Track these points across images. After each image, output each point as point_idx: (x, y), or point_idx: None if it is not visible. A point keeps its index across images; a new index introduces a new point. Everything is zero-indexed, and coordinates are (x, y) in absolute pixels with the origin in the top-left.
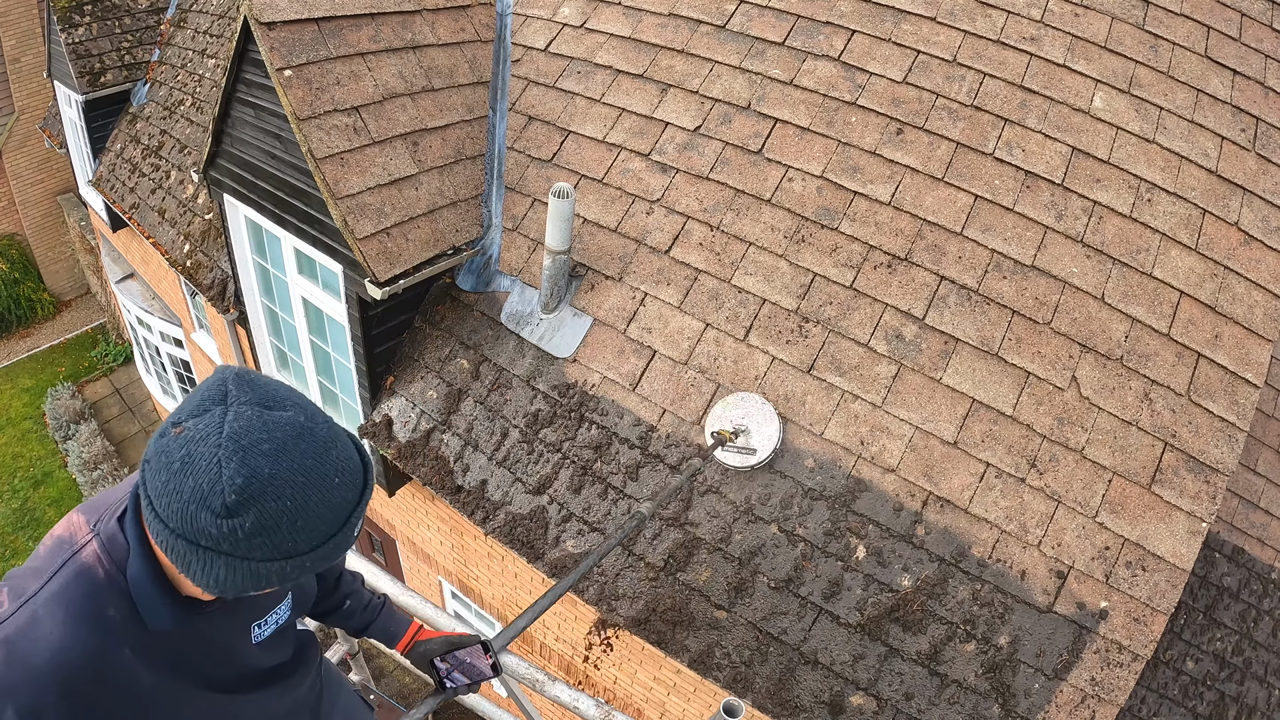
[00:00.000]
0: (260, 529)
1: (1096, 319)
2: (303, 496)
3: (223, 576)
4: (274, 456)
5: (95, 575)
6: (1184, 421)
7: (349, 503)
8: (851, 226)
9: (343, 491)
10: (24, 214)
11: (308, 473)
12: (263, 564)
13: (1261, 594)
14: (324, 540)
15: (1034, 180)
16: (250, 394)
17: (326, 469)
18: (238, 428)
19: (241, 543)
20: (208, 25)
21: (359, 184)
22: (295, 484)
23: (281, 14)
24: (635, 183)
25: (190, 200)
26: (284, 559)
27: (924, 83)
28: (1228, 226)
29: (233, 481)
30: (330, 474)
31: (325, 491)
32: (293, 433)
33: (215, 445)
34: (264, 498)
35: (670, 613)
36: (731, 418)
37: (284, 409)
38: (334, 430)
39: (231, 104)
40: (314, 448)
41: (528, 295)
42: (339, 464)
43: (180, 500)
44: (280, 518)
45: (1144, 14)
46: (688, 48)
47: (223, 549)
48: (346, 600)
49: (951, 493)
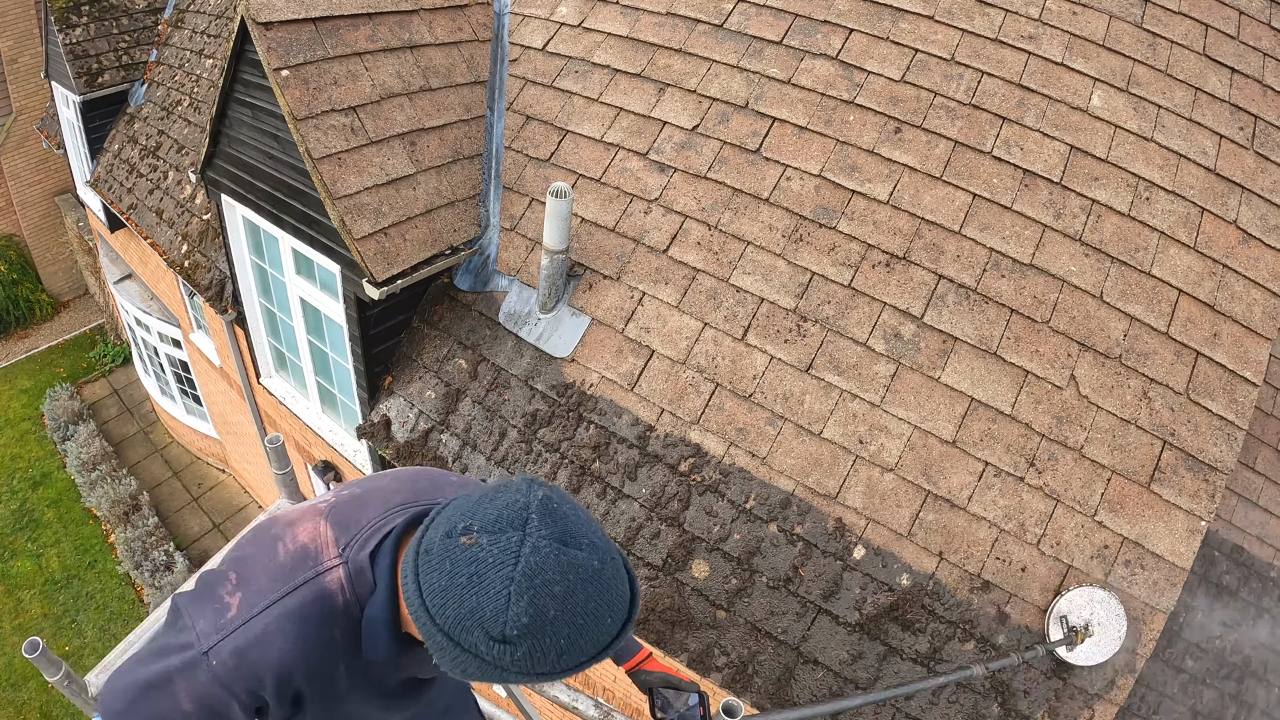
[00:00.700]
0: (528, 658)
1: (1095, 318)
2: (577, 636)
3: (471, 671)
4: (562, 600)
5: (334, 602)
6: (1183, 420)
7: (610, 637)
8: (850, 225)
9: (610, 631)
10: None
11: (587, 615)
12: (518, 676)
13: (1261, 592)
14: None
15: (1032, 179)
16: (551, 528)
17: (603, 611)
18: (534, 564)
19: (504, 661)
20: (205, 25)
21: (356, 184)
22: (574, 626)
23: (278, 14)
24: (633, 182)
25: (188, 200)
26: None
27: (922, 81)
28: (1226, 225)
29: (518, 620)
30: (605, 614)
31: (597, 631)
32: (585, 576)
33: (508, 578)
34: (542, 635)
35: (669, 612)
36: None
37: (580, 548)
38: (619, 569)
39: (229, 104)
40: (599, 591)
41: (526, 295)
42: (615, 604)
43: (458, 611)
44: (549, 652)
45: (1142, 12)
46: (685, 47)
47: (484, 658)
48: None
49: (950, 492)
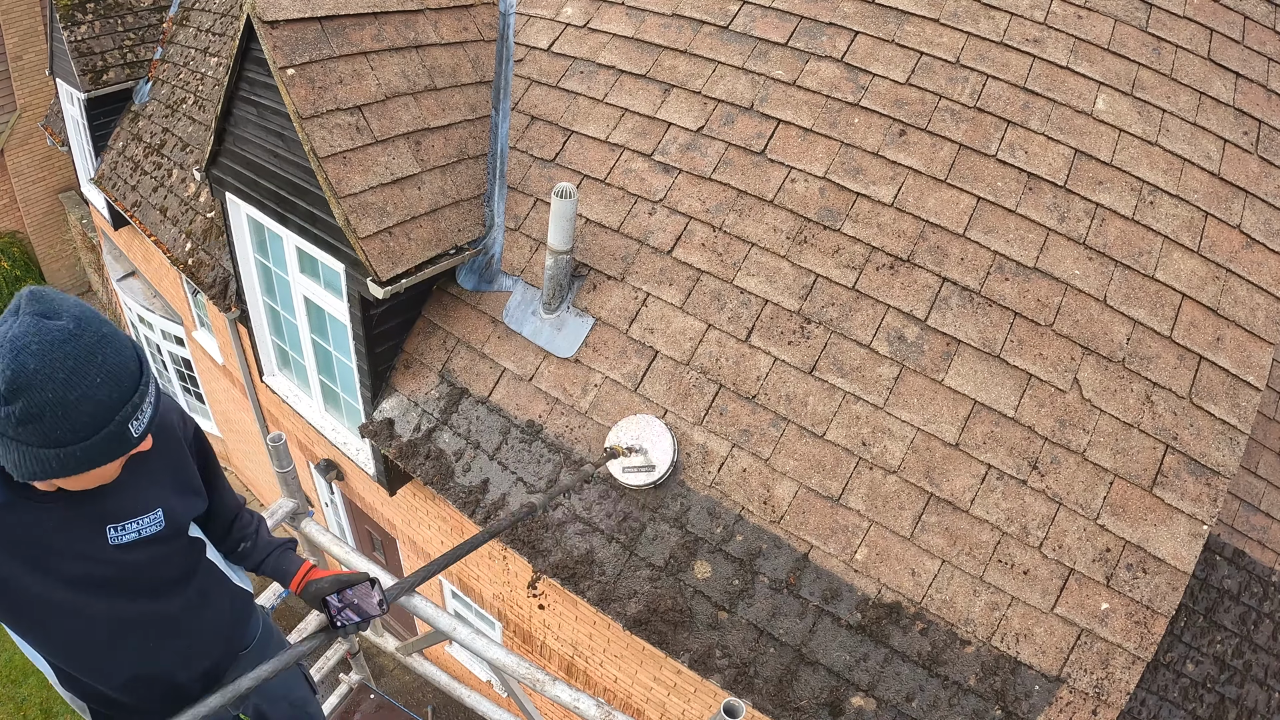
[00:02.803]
0: (28, 416)
1: (1098, 321)
2: (63, 390)
3: (15, 459)
4: (39, 355)
5: None
6: (1185, 424)
7: (115, 401)
8: (854, 228)
9: (106, 390)
10: (26, 212)
11: (68, 371)
12: (40, 450)
13: (1262, 597)
14: (92, 434)
15: (1036, 182)
16: (35, 306)
17: (88, 369)
18: (16, 332)
19: (15, 428)
20: (210, 24)
21: (361, 183)
22: (56, 379)
23: (285, 12)
24: (638, 183)
25: (192, 198)
26: (56, 446)
27: (927, 84)
28: (1230, 229)
29: (3, 374)
30: (92, 374)
31: (86, 388)
32: (60, 337)
33: None
34: (29, 389)
35: (671, 613)
36: (627, 437)
37: (58, 319)
38: (107, 340)
39: (234, 102)
40: (77, 350)
41: (530, 295)
42: (104, 367)
43: None
44: (44, 407)
45: (1147, 16)
46: (691, 48)
47: (7, 434)
48: (241, 544)
49: (953, 494)
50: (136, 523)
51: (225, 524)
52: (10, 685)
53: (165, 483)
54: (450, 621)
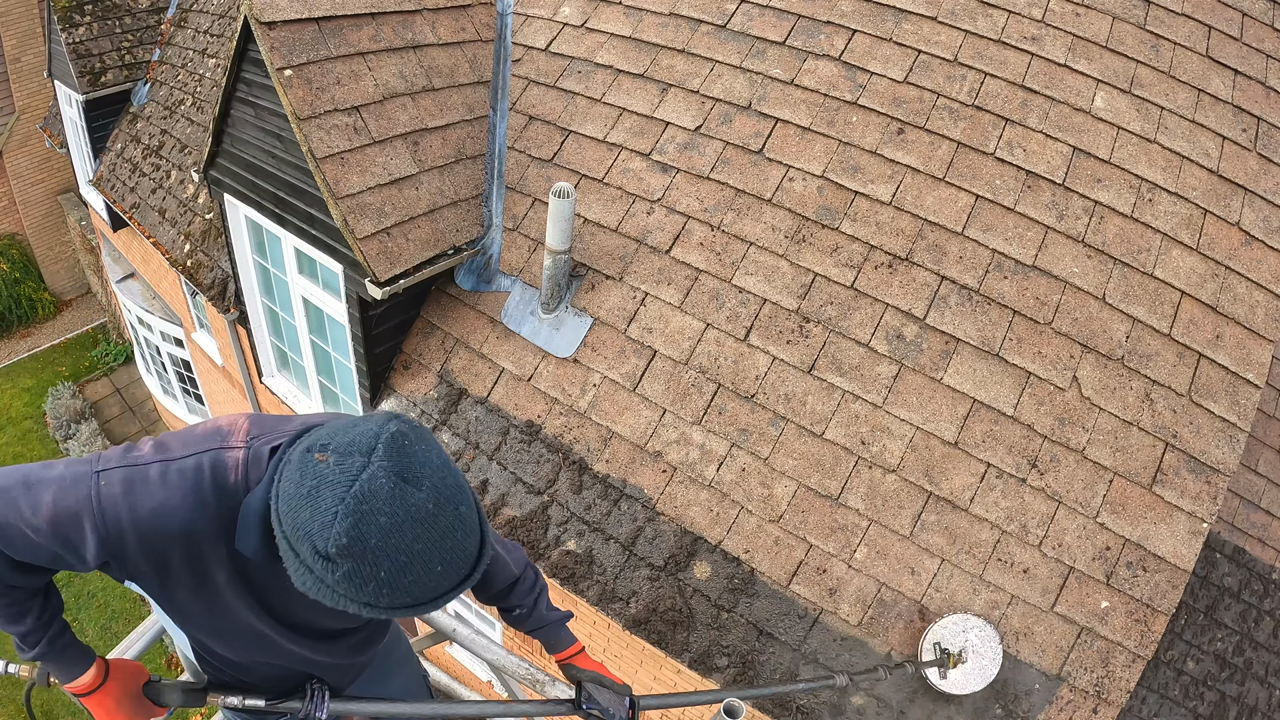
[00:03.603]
0: (348, 580)
1: (1097, 319)
2: (399, 573)
3: (306, 584)
4: (386, 532)
5: (226, 477)
6: (1185, 422)
7: (445, 589)
8: (852, 226)
9: (443, 579)
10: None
11: (412, 556)
12: (343, 599)
13: (1262, 594)
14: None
15: (1035, 180)
16: (394, 462)
17: (432, 556)
18: (366, 491)
19: (328, 578)
20: (208, 25)
21: (359, 184)
22: (396, 561)
23: (282, 13)
24: (636, 182)
25: (191, 200)
26: (365, 606)
27: (925, 82)
28: (1229, 226)
29: (338, 539)
30: (434, 562)
31: (423, 575)
32: (413, 515)
33: (339, 498)
34: (361, 561)
35: (670, 613)
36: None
37: (418, 488)
38: (461, 522)
39: (232, 104)
40: (429, 534)
41: (528, 295)
42: (449, 554)
43: (295, 519)
44: (369, 581)
45: (1145, 14)
46: (688, 47)
47: (313, 571)
48: (517, 609)
49: (952, 493)
50: None
51: (503, 590)
52: (12, 688)
53: None
54: (450, 622)
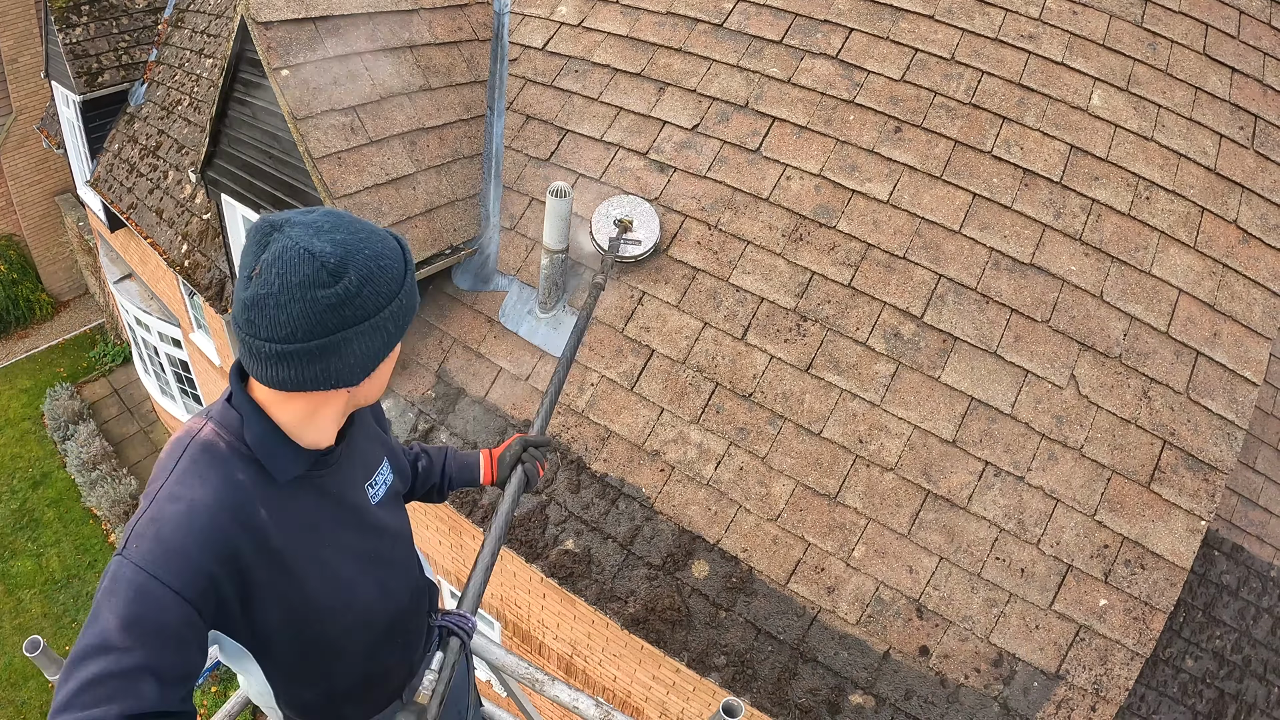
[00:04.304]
0: (363, 279)
1: (1095, 317)
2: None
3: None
4: (335, 229)
5: (218, 448)
6: (1183, 420)
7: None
8: (849, 225)
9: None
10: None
11: (361, 231)
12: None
13: (1260, 591)
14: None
15: (1032, 178)
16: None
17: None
18: (300, 231)
19: (356, 299)
20: (205, 25)
21: (356, 183)
22: (360, 237)
23: (279, 13)
24: (633, 181)
25: (188, 200)
26: (387, 302)
27: (922, 81)
28: (1226, 224)
29: (324, 251)
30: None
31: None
32: (333, 215)
33: (295, 247)
34: (351, 253)
35: (669, 612)
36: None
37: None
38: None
39: (229, 104)
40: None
41: (525, 294)
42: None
43: (296, 304)
44: (369, 264)
45: (1142, 12)
46: (685, 46)
47: (348, 320)
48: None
49: (950, 491)
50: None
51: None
52: (10, 689)
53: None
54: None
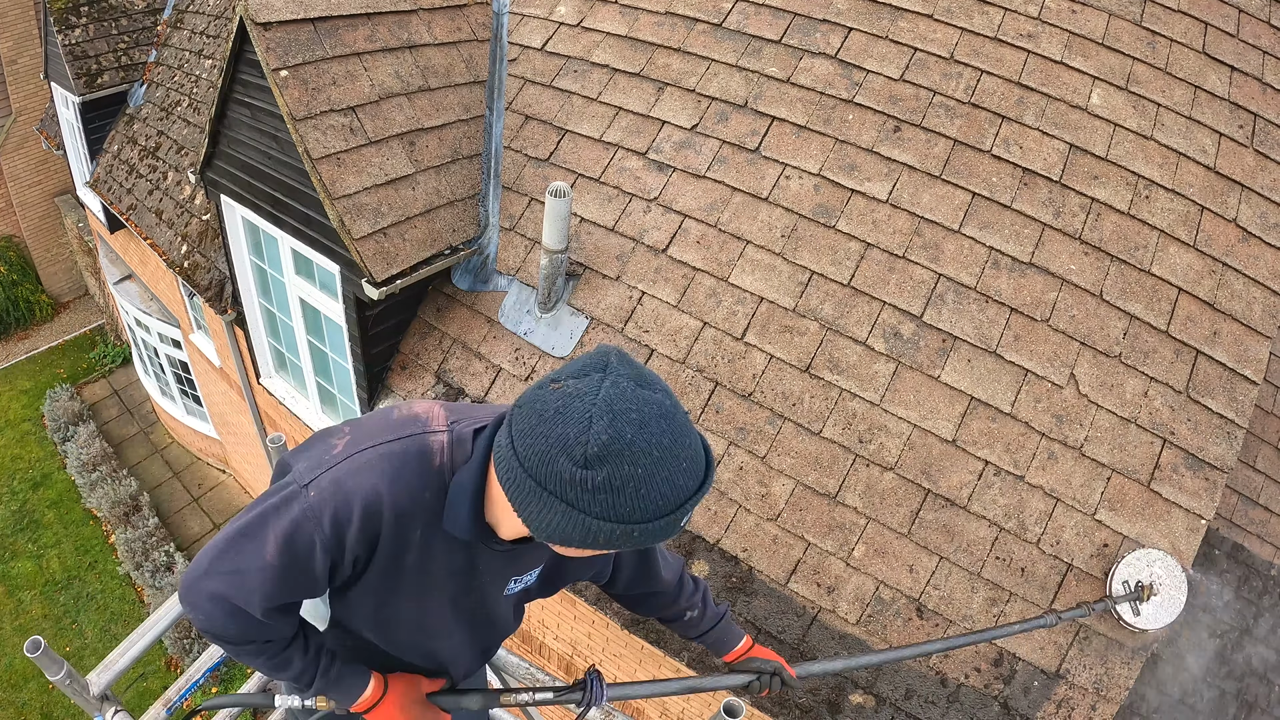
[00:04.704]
0: (608, 486)
1: (1095, 316)
2: (653, 468)
3: (557, 523)
4: (638, 426)
5: (431, 460)
6: (1183, 419)
7: (688, 489)
8: (849, 224)
9: (686, 477)
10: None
11: (663, 450)
12: (596, 521)
13: (1261, 590)
14: (656, 517)
15: (1031, 177)
16: (628, 370)
17: (678, 451)
18: (613, 394)
19: (586, 495)
20: (204, 26)
21: (355, 184)
22: (650, 456)
23: (277, 14)
24: (632, 181)
25: (187, 201)
26: (617, 522)
27: (921, 80)
28: (1226, 223)
29: (598, 437)
30: (680, 457)
31: (672, 471)
32: (658, 412)
33: (590, 403)
34: (620, 459)
35: None
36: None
37: (654, 390)
38: (689, 423)
39: (228, 105)
40: (672, 429)
41: (525, 294)
42: (688, 451)
43: (544, 443)
44: (628, 481)
45: (1141, 10)
46: (684, 46)
47: (567, 497)
48: (688, 613)
49: (950, 491)
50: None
51: (669, 596)
52: (10, 690)
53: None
54: None
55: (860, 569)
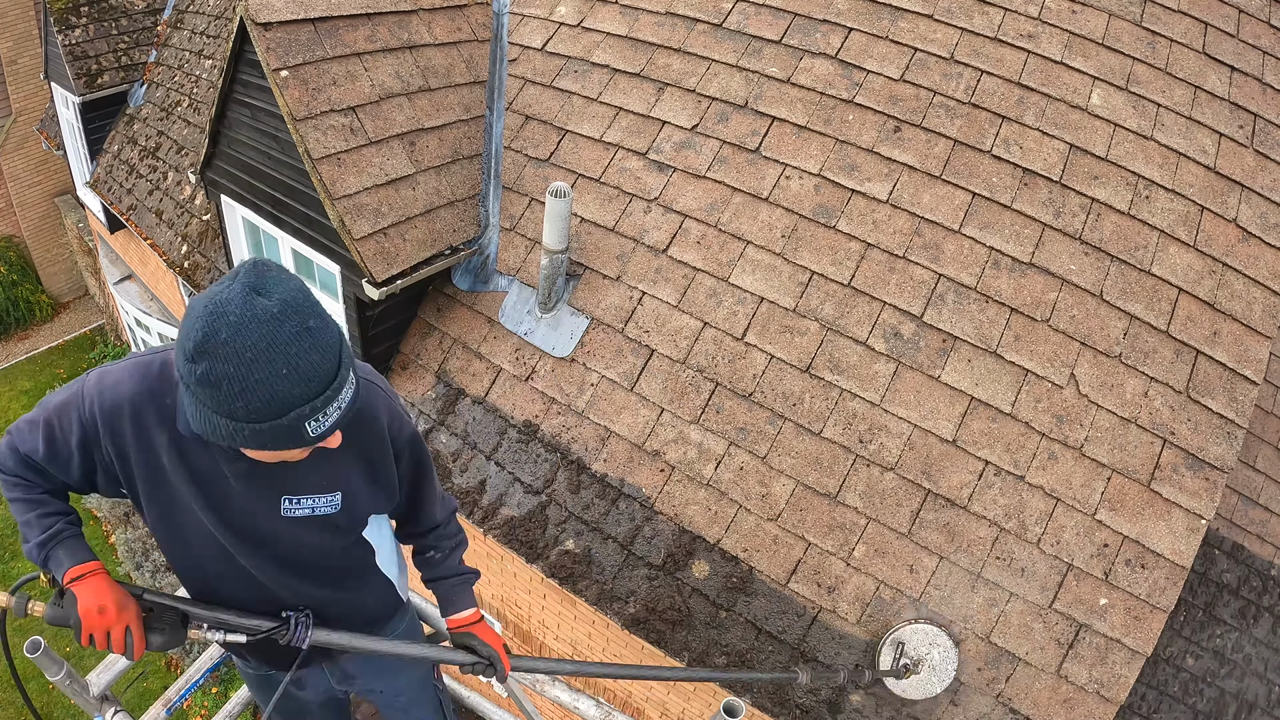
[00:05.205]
0: (206, 380)
1: (1095, 316)
2: (245, 369)
3: (192, 415)
4: (233, 327)
5: (170, 373)
6: (1183, 419)
7: (294, 398)
8: (849, 225)
9: (288, 384)
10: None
11: (255, 352)
12: (213, 415)
13: (1261, 590)
14: (264, 419)
15: (1032, 178)
16: (251, 279)
17: (275, 357)
18: (222, 299)
19: (195, 387)
20: (204, 26)
21: (356, 184)
22: (241, 357)
23: (277, 14)
24: (632, 181)
25: (188, 201)
26: (229, 418)
27: (921, 80)
28: (1226, 223)
29: (194, 335)
30: (279, 363)
31: (267, 375)
32: (259, 316)
33: (204, 306)
34: (213, 356)
35: (670, 612)
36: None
37: (267, 298)
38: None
39: (228, 105)
40: (272, 335)
41: (525, 295)
42: (294, 360)
43: (177, 341)
44: (223, 378)
45: (1141, 10)
46: (685, 46)
47: (189, 389)
48: (430, 551)
49: (950, 491)
50: (312, 499)
51: (424, 529)
52: (11, 690)
53: (354, 472)
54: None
55: (861, 569)
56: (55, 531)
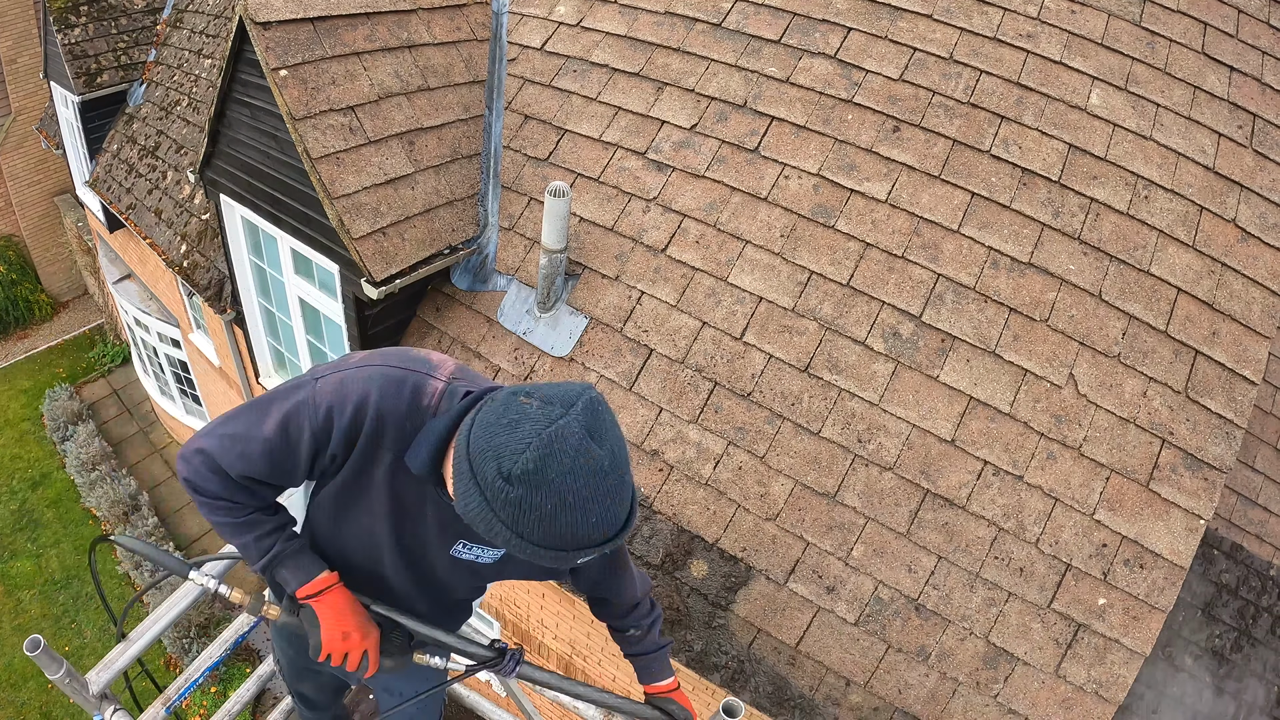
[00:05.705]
0: (517, 504)
1: (1094, 316)
2: (560, 510)
3: (471, 506)
4: (564, 471)
5: (422, 399)
6: (1182, 419)
7: (587, 540)
8: (848, 224)
9: (590, 530)
10: (21, 215)
11: (577, 499)
12: (500, 525)
13: (1260, 590)
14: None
15: (1031, 178)
16: (588, 420)
17: (590, 507)
18: (560, 434)
19: (497, 501)
20: (204, 25)
21: (355, 183)
22: (562, 499)
23: (277, 14)
24: (631, 181)
25: (187, 200)
26: (516, 534)
27: (920, 80)
28: (1225, 223)
29: (525, 465)
30: (590, 512)
31: (577, 520)
32: (593, 467)
33: (535, 433)
34: (536, 489)
35: (668, 611)
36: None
37: (600, 446)
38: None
39: (227, 104)
40: (594, 486)
41: (524, 294)
42: (606, 510)
43: (488, 444)
44: (534, 509)
45: (1141, 11)
46: (684, 46)
47: (485, 493)
48: (631, 630)
49: (949, 491)
50: (481, 549)
51: (623, 609)
52: (10, 689)
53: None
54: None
55: (859, 569)
56: (274, 555)
